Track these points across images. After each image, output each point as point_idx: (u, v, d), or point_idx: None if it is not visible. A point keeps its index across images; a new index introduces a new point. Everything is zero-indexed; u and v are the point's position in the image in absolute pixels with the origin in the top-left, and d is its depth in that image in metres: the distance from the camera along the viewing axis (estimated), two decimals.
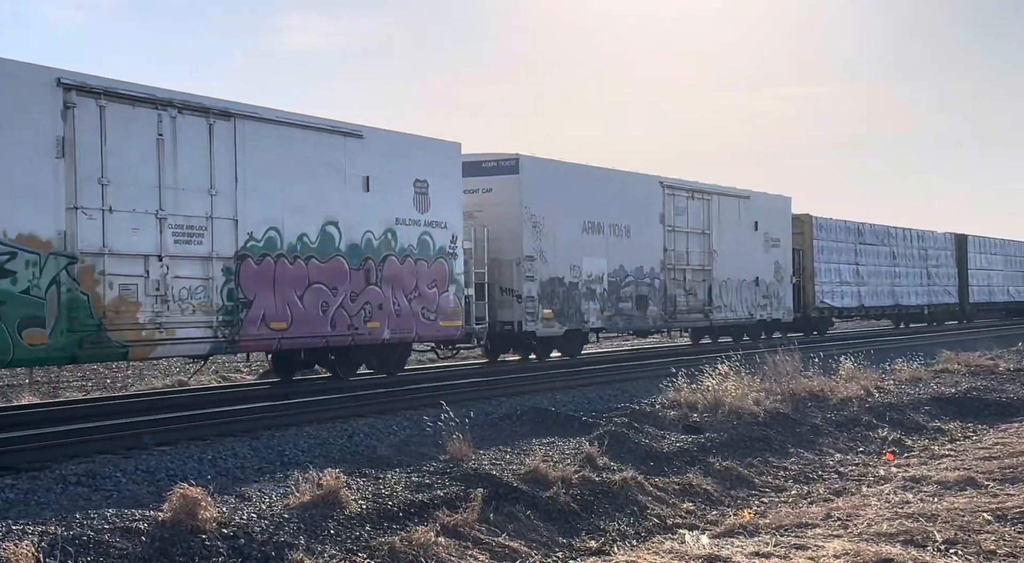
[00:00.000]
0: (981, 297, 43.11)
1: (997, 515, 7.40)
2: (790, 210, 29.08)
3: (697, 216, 24.23)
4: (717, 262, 24.76)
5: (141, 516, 6.35)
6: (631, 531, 7.83)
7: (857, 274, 33.43)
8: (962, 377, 17.26)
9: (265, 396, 14.45)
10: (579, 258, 20.60)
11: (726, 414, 11.80)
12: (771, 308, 27.28)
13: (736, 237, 25.68)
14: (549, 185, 19.88)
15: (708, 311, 24.45)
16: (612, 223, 21.39)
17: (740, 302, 25.83)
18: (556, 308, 19.94)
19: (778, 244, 27.74)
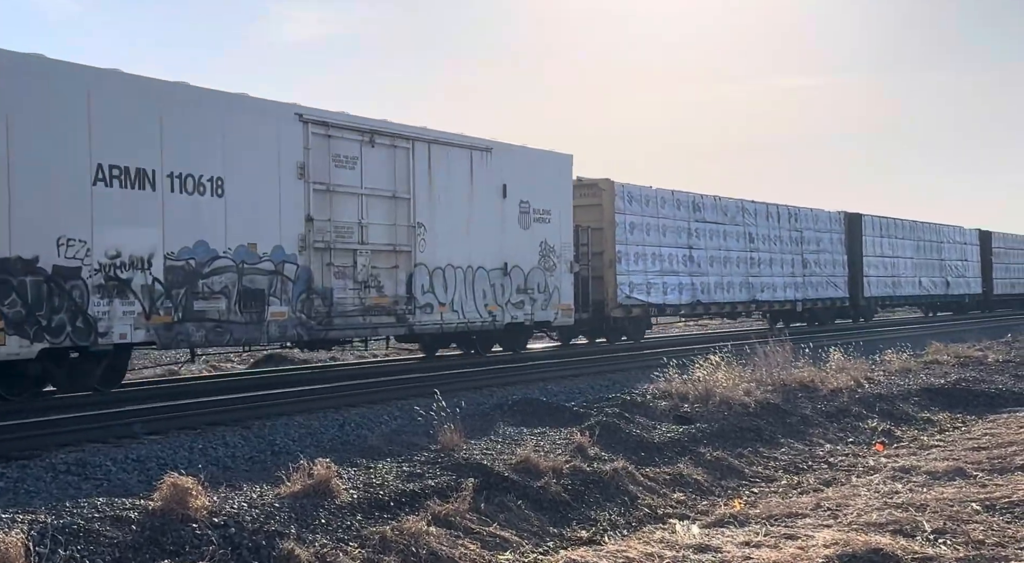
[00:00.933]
0: (881, 290, 36.00)
1: (986, 505, 7.44)
2: (570, 172, 21.05)
3: (384, 172, 16.31)
4: (426, 241, 16.89)
5: (131, 505, 6.33)
6: (622, 521, 7.85)
7: (690, 261, 25.68)
8: (951, 368, 17.33)
9: (255, 386, 14.42)
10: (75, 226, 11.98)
11: (717, 404, 11.83)
12: (534, 307, 19.51)
13: (467, 206, 17.90)
14: None
15: (406, 312, 16.56)
16: (179, 173, 13.08)
17: (474, 298, 18.01)
18: None
19: (547, 218, 19.93)
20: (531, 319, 19.57)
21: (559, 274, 20.34)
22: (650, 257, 24.35)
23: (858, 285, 34.38)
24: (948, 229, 42.62)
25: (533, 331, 20.72)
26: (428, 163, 17.17)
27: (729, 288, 27.53)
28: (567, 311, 20.66)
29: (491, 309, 18.44)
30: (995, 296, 47.04)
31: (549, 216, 20.13)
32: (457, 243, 17.77)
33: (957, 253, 43.11)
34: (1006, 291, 48.76)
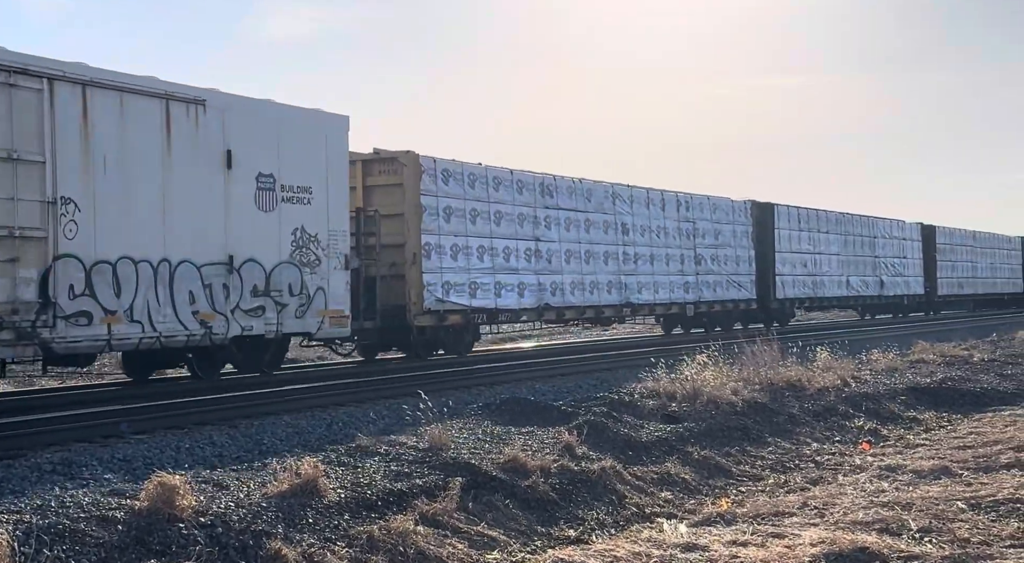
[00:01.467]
0: (798, 291, 31.58)
1: (971, 503, 7.48)
2: (344, 139, 16.13)
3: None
4: (78, 223, 12.02)
5: (118, 504, 6.31)
6: (610, 520, 7.86)
7: (537, 256, 21.15)
8: (937, 367, 17.41)
9: (244, 384, 14.38)
10: None
11: (704, 404, 11.86)
12: (281, 314, 14.75)
13: (161, 177, 13.08)
14: None
15: (34, 325, 11.51)
16: None
17: (173, 304, 13.16)
18: None
19: (305, 198, 15.16)
20: (277, 330, 14.67)
21: (325, 271, 15.43)
22: (476, 251, 19.54)
23: (769, 285, 29.67)
24: (884, 223, 38.35)
25: (286, 345, 16.08)
26: (83, 114, 12.16)
27: (594, 289, 22.89)
28: (339, 319, 15.66)
29: (205, 318, 13.50)
30: (939, 297, 42.68)
31: (309, 195, 15.19)
32: (142, 228, 12.83)
33: (894, 249, 38.81)
34: (952, 291, 44.34)
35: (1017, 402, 14.32)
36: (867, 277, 36.24)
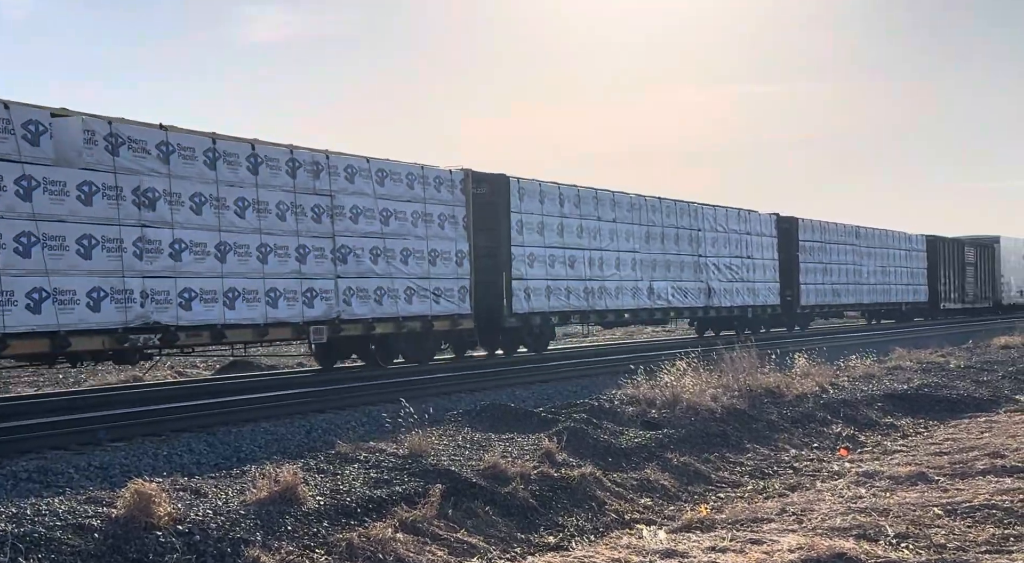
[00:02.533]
0: (544, 302, 21.75)
1: (947, 509, 7.54)
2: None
3: None
4: None
5: (94, 513, 6.26)
6: (589, 526, 7.87)
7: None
8: (914, 374, 17.55)
9: (218, 391, 14.30)
10: None
11: (684, 410, 11.90)
12: None
13: None
14: None
15: None
16: None
17: None
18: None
19: None
20: None
21: None
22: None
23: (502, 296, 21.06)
24: (714, 212, 28.77)
25: None
26: None
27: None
28: None
29: None
30: (803, 308, 33.49)
31: None
32: None
33: (734, 247, 29.72)
34: (824, 300, 34.66)
35: (992, 408, 14.46)
36: (684, 282, 27.20)
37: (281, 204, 15.71)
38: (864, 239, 38.05)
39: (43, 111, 12.56)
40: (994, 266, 51.61)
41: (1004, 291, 52.83)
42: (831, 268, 34.95)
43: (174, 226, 13.87)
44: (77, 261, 12.52)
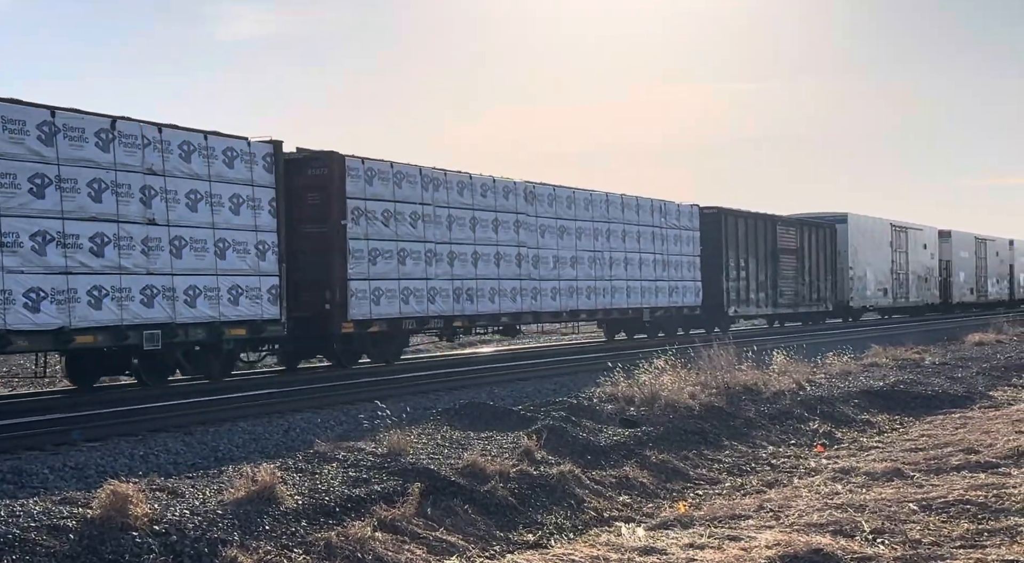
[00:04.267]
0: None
1: (922, 505, 7.61)
2: None
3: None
4: None
5: (70, 513, 6.20)
6: (568, 524, 7.89)
7: None
8: (890, 370, 17.69)
9: (198, 391, 14.22)
10: None
11: (662, 408, 11.94)
12: None
13: None
14: None
15: None
16: None
17: None
18: None
19: None
20: None
21: None
22: None
23: None
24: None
25: None
26: None
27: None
28: None
29: None
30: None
31: None
32: None
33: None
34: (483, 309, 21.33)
35: (967, 404, 14.60)
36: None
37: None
38: (566, 206, 23.94)
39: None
40: (835, 254, 37.86)
41: (854, 289, 38.99)
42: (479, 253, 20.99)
43: None
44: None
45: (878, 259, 41.44)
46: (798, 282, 34.83)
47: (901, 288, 43.69)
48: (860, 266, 39.75)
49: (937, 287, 48.26)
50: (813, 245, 36.26)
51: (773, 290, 33.33)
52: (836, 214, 39.07)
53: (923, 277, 46.25)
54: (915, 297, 45.31)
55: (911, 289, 44.74)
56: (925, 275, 46.49)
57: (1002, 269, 57.14)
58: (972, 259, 52.42)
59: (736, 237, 31.23)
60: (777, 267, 33.56)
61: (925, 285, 46.48)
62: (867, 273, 40.42)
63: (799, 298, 34.97)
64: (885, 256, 42.19)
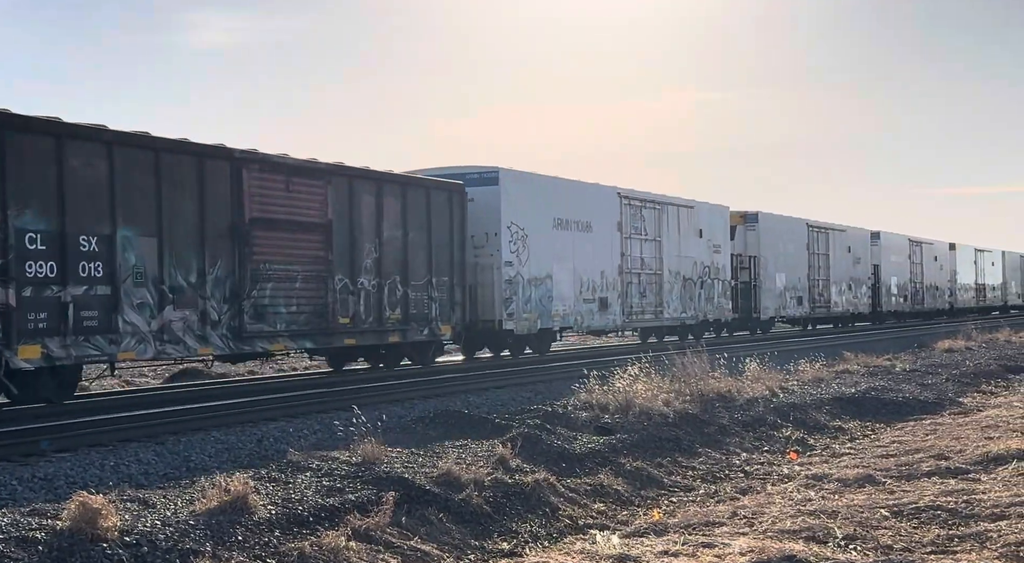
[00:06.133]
0: None
1: (894, 511, 7.67)
2: None
3: None
4: None
5: (38, 525, 6.13)
6: (543, 532, 7.88)
7: None
8: (861, 377, 17.84)
9: (171, 400, 14.08)
10: None
11: (637, 415, 11.97)
12: None
13: None
14: None
15: None
16: None
17: None
18: None
19: None
20: None
21: None
22: None
23: None
24: None
25: None
26: None
27: None
28: None
29: None
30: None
31: None
32: None
33: None
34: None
35: (937, 411, 14.75)
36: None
37: None
38: None
39: None
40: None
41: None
42: None
43: None
44: None
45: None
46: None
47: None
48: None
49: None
50: None
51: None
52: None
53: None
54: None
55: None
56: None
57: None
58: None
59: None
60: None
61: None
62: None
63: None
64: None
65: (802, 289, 36.56)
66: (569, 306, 23.30)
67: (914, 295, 47.73)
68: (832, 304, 39.03)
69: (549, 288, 22.52)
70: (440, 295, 19.22)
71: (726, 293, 30.99)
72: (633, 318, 26.19)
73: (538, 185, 22.59)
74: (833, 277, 38.96)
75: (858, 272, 41.46)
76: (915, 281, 47.88)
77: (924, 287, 48.89)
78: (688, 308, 28.60)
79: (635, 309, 26.12)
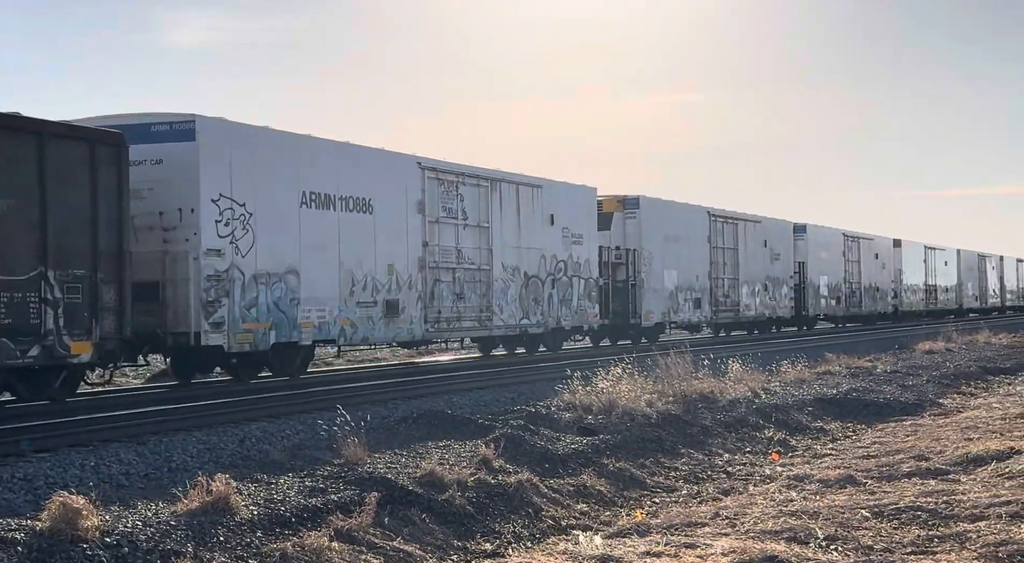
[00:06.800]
0: None
1: (875, 511, 7.72)
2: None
3: None
4: None
5: (18, 526, 6.08)
6: (526, 533, 7.89)
7: None
8: (843, 379, 17.94)
9: (153, 400, 14.00)
10: None
11: (620, 416, 12.00)
12: None
13: None
14: None
15: None
16: None
17: None
18: None
19: None
20: None
21: None
22: None
23: None
24: None
25: None
26: None
27: None
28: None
29: None
30: None
31: None
32: None
33: None
34: None
35: (917, 412, 14.86)
36: None
37: None
38: None
39: None
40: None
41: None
42: None
43: None
44: None
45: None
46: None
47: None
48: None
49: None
50: None
51: None
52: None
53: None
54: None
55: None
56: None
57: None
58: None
59: None
60: None
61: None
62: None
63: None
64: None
65: (701, 289, 30.41)
66: (331, 312, 17.07)
67: (850, 297, 41.55)
68: (742, 307, 32.85)
69: (294, 287, 16.34)
70: (66, 297, 12.42)
71: (590, 294, 24.90)
72: (442, 326, 20.07)
73: (275, 146, 16.22)
74: (743, 276, 32.87)
75: (777, 270, 35.42)
76: (851, 281, 41.71)
77: (863, 288, 42.87)
78: (532, 313, 22.68)
79: (446, 315, 20.07)
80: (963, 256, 56.30)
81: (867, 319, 43.79)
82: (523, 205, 22.47)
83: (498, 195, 21.64)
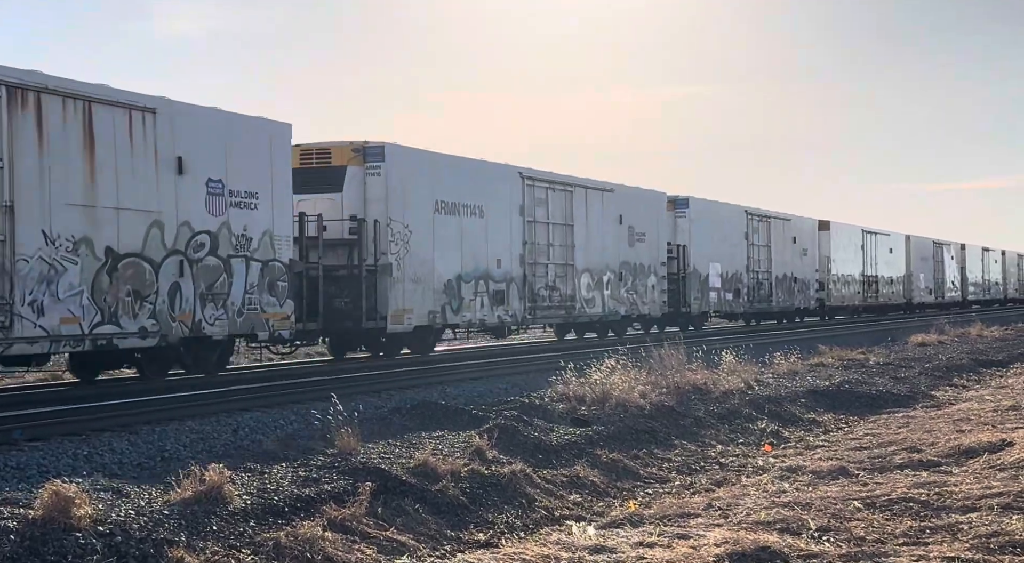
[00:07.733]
0: None
1: (867, 503, 7.74)
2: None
3: None
4: None
5: (10, 515, 6.07)
6: (519, 523, 7.90)
7: None
8: (836, 370, 17.98)
9: (145, 391, 13.98)
10: None
11: (613, 407, 12.01)
12: None
13: None
14: None
15: None
16: None
17: None
18: None
19: None
20: None
21: None
22: None
23: None
24: None
25: None
26: None
27: None
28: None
29: None
30: None
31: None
32: None
33: None
34: None
35: (910, 404, 14.90)
36: None
37: None
38: None
39: None
40: None
41: None
42: None
43: None
44: None
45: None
46: None
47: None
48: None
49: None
50: None
51: None
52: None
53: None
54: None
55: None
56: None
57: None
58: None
59: None
60: None
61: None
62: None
63: None
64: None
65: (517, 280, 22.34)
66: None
67: (755, 290, 33.68)
68: (580, 304, 24.44)
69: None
70: None
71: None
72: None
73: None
74: (580, 264, 24.39)
75: (642, 256, 27.11)
76: (756, 270, 33.77)
77: (774, 279, 34.95)
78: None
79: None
80: (913, 242, 48.38)
81: (780, 316, 37.08)
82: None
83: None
